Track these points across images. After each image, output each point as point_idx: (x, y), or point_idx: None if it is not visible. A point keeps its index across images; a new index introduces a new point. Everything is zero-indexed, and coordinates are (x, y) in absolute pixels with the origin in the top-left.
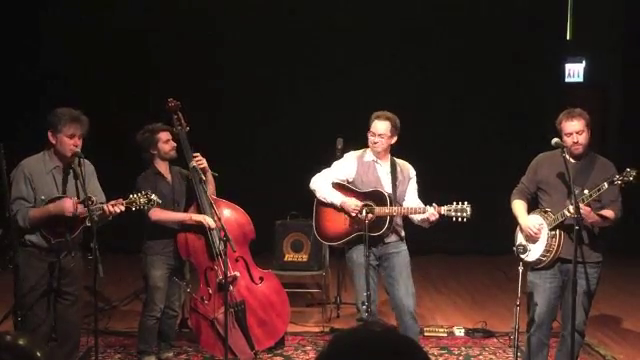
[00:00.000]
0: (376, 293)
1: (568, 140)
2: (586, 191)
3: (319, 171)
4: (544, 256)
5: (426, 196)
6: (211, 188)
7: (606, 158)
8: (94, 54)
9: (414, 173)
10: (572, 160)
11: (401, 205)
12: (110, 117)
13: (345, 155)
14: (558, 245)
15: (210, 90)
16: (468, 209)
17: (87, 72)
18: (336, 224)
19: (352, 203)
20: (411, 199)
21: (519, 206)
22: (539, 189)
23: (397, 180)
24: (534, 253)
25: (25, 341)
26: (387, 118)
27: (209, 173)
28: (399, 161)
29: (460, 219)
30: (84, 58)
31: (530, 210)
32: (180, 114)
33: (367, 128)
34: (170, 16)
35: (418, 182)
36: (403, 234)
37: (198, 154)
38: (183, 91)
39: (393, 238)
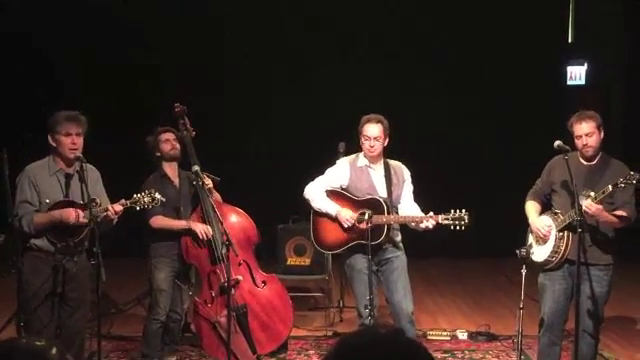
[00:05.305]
0: (377, 298)
1: (578, 143)
2: (592, 193)
3: (321, 175)
4: (552, 257)
5: (428, 199)
6: (217, 198)
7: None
8: (97, 56)
9: (408, 174)
10: (584, 162)
11: (397, 209)
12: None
13: (337, 161)
14: (566, 246)
15: (211, 92)
16: (466, 217)
17: (90, 77)
18: (334, 232)
19: (346, 214)
20: (407, 202)
21: (530, 207)
22: (552, 191)
23: (392, 184)
24: (543, 254)
25: (41, 342)
26: (379, 121)
27: (215, 193)
28: (393, 163)
29: (458, 227)
30: (88, 61)
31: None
32: (186, 119)
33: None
34: (171, 14)
35: (413, 184)
36: (399, 239)
37: (206, 176)
38: (184, 94)
39: (390, 244)
